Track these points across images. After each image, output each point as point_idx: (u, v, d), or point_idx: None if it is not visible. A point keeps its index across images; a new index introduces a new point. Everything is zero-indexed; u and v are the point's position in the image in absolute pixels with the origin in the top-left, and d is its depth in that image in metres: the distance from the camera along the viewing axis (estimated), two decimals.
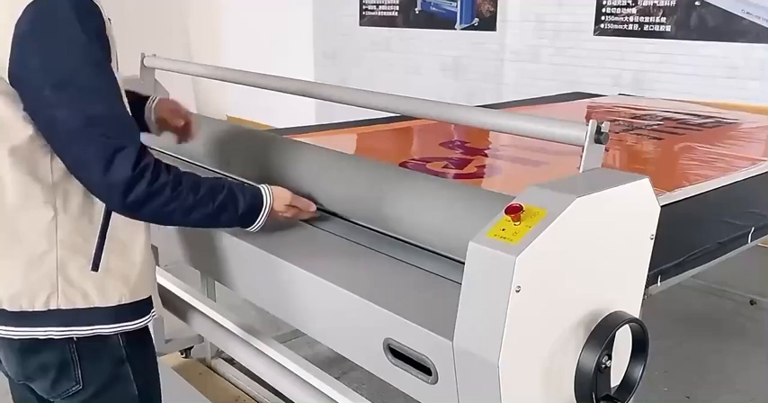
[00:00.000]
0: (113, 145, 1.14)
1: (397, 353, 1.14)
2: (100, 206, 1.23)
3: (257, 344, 1.65)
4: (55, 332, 1.23)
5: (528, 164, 2.22)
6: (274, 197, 1.37)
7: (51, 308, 1.22)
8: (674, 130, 2.78)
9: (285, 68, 3.27)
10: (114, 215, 1.24)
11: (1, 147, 1.17)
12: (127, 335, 1.31)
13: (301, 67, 6.44)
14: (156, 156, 1.20)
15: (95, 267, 1.24)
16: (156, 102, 1.60)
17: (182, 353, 2.69)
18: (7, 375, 1.40)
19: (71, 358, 1.26)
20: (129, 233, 1.28)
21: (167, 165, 1.21)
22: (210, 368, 2.64)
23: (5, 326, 1.24)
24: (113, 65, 1.22)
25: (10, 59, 1.11)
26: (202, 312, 1.81)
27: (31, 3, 1.10)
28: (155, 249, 1.50)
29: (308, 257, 1.37)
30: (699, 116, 3.11)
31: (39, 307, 1.22)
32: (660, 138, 2.63)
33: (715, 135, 2.73)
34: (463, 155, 2.34)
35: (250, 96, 5.73)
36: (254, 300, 1.55)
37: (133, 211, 1.20)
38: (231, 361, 2.60)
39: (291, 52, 6.70)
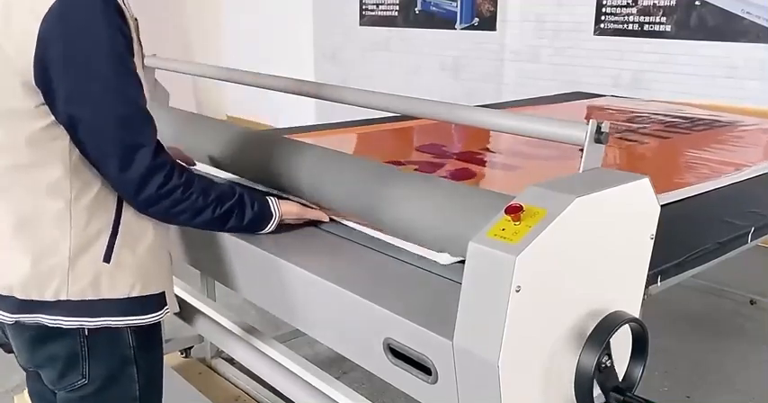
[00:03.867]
0: (131, 143, 1.18)
1: (397, 353, 1.14)
2: (114, 199, 1.25)
3: (257, 344, 1.65)
4: (64, 321, 1.24)
5: (505, 168, 2.22)
6: (282, 212, 1.43)
7: (61, 299, 1.23)
8: (673, 131, 2.79)
9: (285, 68, 3.26)
10: (126, 210, 1.26)
11: (19, 137, 1.18)
12: (137, 333, 1.31)
13: (301, 67, 6.44)
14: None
15: (107, 259, 1.24)
16: None
17: (182, 353, 2.69)
18: (22, 367, 1.41)
19: (80, 351, 1.27)
20: (142, 228, 1.29)
21: (181, 167, 1.25)
22: (210, 368, 2.64)
23: (17, 313, 1.25)
24: (138, 64, 1.23)
25: (35, 56, 1.12)
26: (202, 312, 1.80)
27: (56, 1, 1.11)
28: None
29: (307, 257, 1.37)
30: (696, 118, 3.11)
31: (48, 297, 1.22)
32: (659, 139, 2.63)
33: (714, 136, 2.73)
34: (437, 159, 2.26)
35: (250, 96, 5.73)
36: (254, 300, 1.55)
37: (144, 209, 1.25)
38: (231, 361, 2.60)
39: (291, 52, 6.69)
